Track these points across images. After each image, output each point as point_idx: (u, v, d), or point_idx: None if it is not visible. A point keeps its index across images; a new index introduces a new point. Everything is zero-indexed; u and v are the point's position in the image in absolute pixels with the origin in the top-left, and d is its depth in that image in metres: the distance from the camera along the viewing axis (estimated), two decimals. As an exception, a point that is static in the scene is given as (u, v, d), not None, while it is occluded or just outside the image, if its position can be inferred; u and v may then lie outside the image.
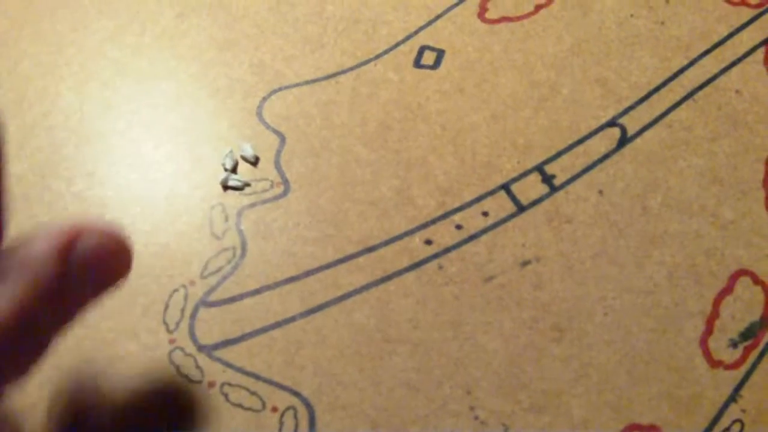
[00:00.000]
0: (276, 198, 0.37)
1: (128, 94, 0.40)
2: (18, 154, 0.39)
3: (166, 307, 0.35)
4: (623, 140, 0.38)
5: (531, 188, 0.37)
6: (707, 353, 0.34)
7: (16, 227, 0.37)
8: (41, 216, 0.37)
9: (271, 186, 0.38)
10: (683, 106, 0.39)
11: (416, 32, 0.42)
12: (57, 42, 0.42)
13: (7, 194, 0.23)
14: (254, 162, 0.38)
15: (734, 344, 0.34)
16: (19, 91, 0.41)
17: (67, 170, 0.39)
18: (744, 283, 0.36)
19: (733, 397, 0.33)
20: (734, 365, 0.34)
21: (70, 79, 0.41)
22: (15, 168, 0.39)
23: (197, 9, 0.43)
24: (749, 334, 0.35)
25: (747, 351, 0.34)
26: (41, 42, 0.42)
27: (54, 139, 0.39)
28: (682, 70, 0.40)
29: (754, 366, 0.34)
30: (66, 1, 0.43)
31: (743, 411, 0.33)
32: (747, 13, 0.42)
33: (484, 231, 0.37)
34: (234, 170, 0.38)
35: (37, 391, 0.34)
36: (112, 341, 0.35)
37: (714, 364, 0.34)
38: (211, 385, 0.34)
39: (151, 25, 0.42)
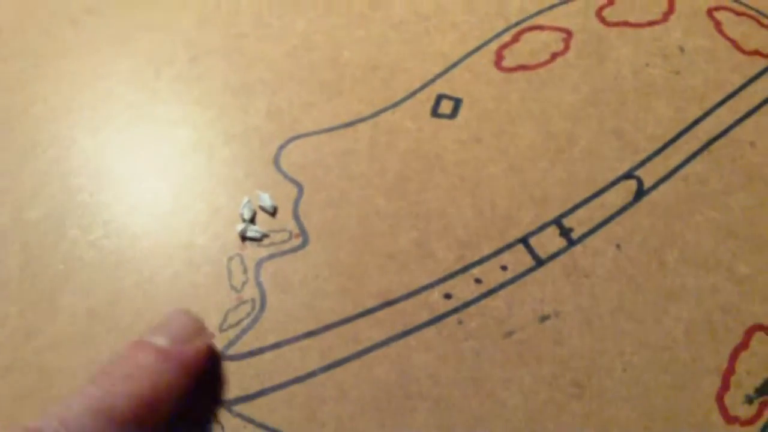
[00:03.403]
0: (295, 249, 0.37)
1: (144, 140, 0.40)
2: (32, 201, 0.39)
3: (185, 360, 0.35)
4: (640, 193, 0.39)
5: (549, 242, 0.38)
6: (723, 409, 0.35)
7: (31, 277, 0.37)
8: (56, 265, 0.37)
9: (290, 237, 0.38)
10: (698, 158, 0.40)
11: (433, 80, 0.42)
12: (70, 85, 0.42)
13: None
14: (273, 212, 0.38)
15: (750, 400, 0.35)
16: (31, 135, 0.40)
17: (82, 218, 0.38)
18: (759, 339, 0.36)
19: (749, 455, 0.34)
20: (750, 421, 0.34)
21: (85, 123, 0.41)
22: (29, 215, 0.38)
23: (211, 52, 0.43)
24: (765, 389, 0.35)
25: (762, 407, 0.35)
26: (55, 84, 0.42)
27: (69, 186, 0.39)
28: (697, 121, 0.40)
29: (769, 423, 0.35)
30: (79, 43, 0.43)
31: (760, 470, 0.34)
32: (761, 63, 0.42)
33: (503, 285, 0.37)
34: (252, 220, 0.38)
35: None
36: (130, 396, 0.34)
37: (730, 420, 0.34)
38: (232, 441, 0.34)
39: (166, 69, 0.42)
